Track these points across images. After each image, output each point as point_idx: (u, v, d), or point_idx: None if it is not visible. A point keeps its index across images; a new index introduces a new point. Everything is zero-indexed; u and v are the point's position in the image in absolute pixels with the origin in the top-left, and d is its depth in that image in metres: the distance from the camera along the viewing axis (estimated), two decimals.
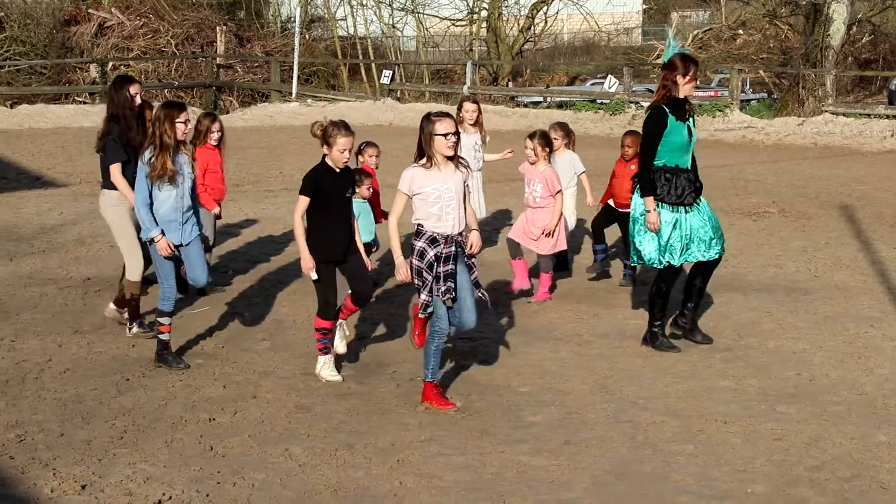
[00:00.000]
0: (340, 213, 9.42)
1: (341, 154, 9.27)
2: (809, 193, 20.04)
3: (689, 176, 10.35)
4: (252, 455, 7.94)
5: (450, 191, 8.71)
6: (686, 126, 10.26)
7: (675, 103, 10.26)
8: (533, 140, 12.38)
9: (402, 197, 8.79)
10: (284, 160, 23.69)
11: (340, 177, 9.39)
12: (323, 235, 9.34)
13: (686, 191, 10.29)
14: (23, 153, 25.09)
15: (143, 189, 9.70)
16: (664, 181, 10.28)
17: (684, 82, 10.24)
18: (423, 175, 8.72)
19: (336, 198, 9.37)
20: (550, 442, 8.22)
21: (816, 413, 8.82)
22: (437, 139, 8.66)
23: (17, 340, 10.74)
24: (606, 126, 30.67)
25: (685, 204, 10.30)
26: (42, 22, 37.05)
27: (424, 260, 8.69)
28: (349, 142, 9.30)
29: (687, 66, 10.28)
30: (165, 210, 9.78)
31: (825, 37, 31.49)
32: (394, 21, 45.33)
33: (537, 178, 12.28)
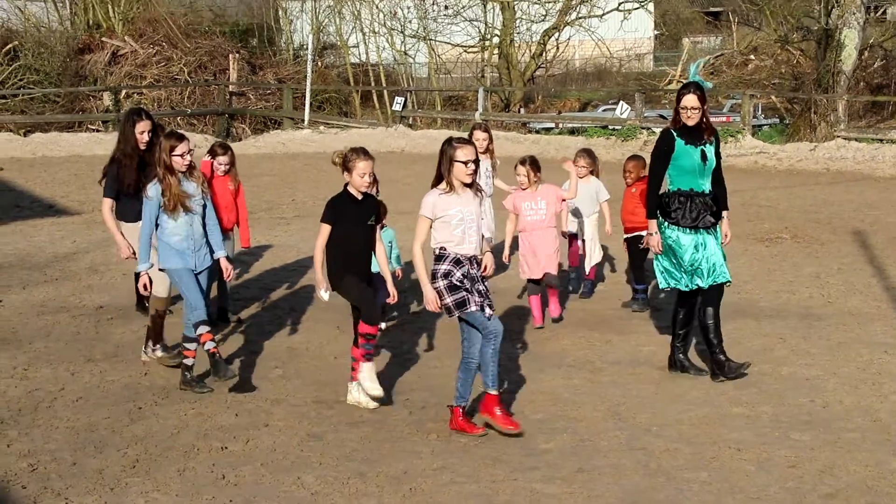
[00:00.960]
0: (361, 240, 9.45)
1: (362, 178, 9.32)
2: (822, 219, 20.01)
3: (707, 200, 10.34)
4: (264, 484, 7.93)
5: (471, 213, 8.78)
6: (699, 150, 10.26)
7: (687, 128, 10.29)
8: (524, 166, 12.44)
9: (425, 222, 8.80)
10: (297, 187, 23.73)
11: (362, 204, 9.43)
12: (342, 263, 9.37)
13: (702, 214, 10.29)
14: (36, 181, 25.16)
15: (147, 222, 9.79)
16: (678, 205, 10.31)
17: (679, 109, 10.30)
18: (445, 199, 8.76)
19: (357, 225, 9.40)
20: (563, 469, 8.20)
21: (830, 440, 8.78)
22: (456, 165, 8.70)
23: (29, 369, 10.75)
24: (618, 152, 30.64)
25: (700, 227, 10.30)
26: (56, 50, 37.20)
27: (455, 278, 8.75)
28: (369, 165, 9.35)
29: (678, 95, 10.38)
30: (178, 239, 9.84)
31: (837, 62, 31.48)
32: (406, 48, 45.42)
33: (540, 196, 12.32)
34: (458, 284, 8.73)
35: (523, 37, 44.88)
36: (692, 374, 10.53)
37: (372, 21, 44.89)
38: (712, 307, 10.54)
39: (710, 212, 10.36)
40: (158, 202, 9.80)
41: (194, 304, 9.90)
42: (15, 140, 32.13)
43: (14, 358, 11.10)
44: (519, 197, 12.48)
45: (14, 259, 16.08)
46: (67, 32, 39.99)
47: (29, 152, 30.68)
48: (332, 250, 9.41)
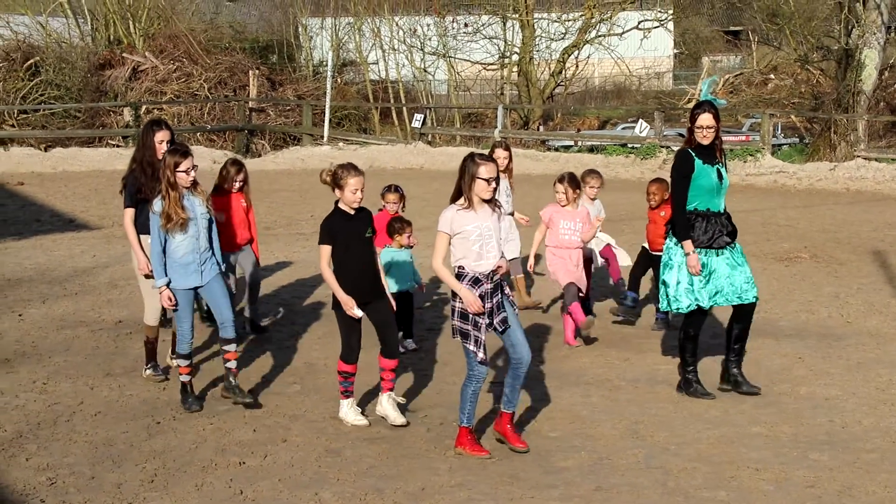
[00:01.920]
0: (360, 255, 9.43)
1: (353, 195, 9.32)
2: (841, 238, 19.96)
3: (722, 219, 10.35)
4: (282, 499, 7.93)
5: (489, 229, 8.74)
6: (715, 169, 10.27)
7: (702, 148, 10.29)
8: (563, 183, 12.42)
9: (444, 237, 8.77)
10: (315, 203, 23.75)
11: (356, 219, 9.42)
12: (345, 279, 9.34)
13: (717, 234, 10.28)
14: (56, 196, 25.27)
15: (157, 238, 9.77)
16: (695, 224, 10.30)
17: (694, 128, 10.29)
18: (462, 215, 8.72)
19: (354, 240, 9.39)
20: (581, 488, 8.18)
21: (849, 461, 8.75)
22: (478, 182, 8.67)
23: (49, 383, 10.78)
24: (637, 170, 30.65)
25: (715, 247, 10.30)
26: (76, 66, 37.33)
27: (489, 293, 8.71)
28: (360, 181, 9.33)
29: (692, 114, 10.36)
30: (182, 254, 9.82)
31: (857, 82, 31.44)
32: (425, 65, 45.50)
33: (578, 217, 12.31)
34: (467, 312, 8.68)
35: (543, 55, 44.91)
36: (745, 389, 10.51)
37: (391, 38, 45.00)
38: (742, 324, 10.53)
39: (726, 232, 10.35)
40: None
41: (222, 319, 9.97)
42: (35, 155, 32.26)
43: (34, 372, 11.14)
44: (556, 213, 12.44)
45: (34, 273, 16.14)
46: (88, 48, 40.13)
47: (49, 167, 30.82)
48: (337, 269, 9.39)
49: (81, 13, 41.76)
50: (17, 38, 38.06)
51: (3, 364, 11.42)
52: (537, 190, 24.93)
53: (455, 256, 8.79)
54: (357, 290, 9.37)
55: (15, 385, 10.69)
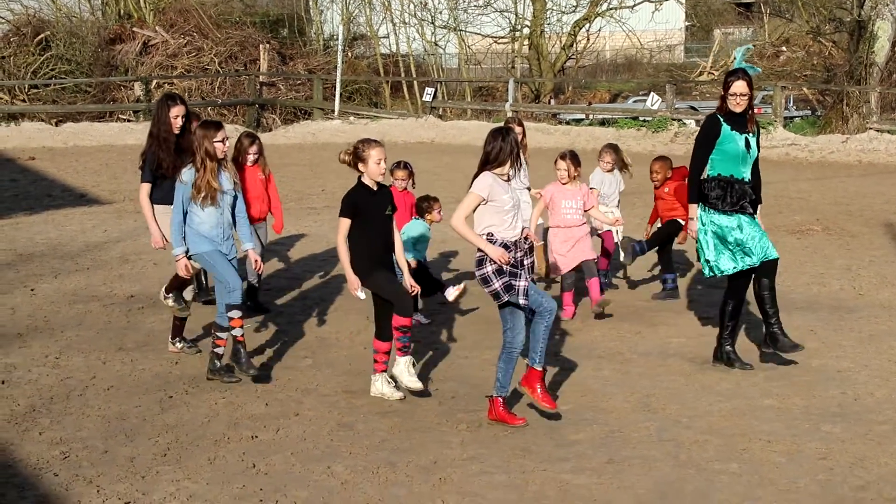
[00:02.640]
0: (381, 231, 9.43)
1: (378, 165, 9.32)
2: (853, 211, 19.91)
3: (745, 187, 10.28)
4: (294, 473, 7.95)
5: (520, 201, 8.79)
6: (744, 137, 10.22)
7: (733, 115, 10.23)
8: (565, 160, 12.37)
9: (476, 200, 8.70)
10: (327, 178, 23.75)
11: (378, 195, 9.42)
12: (360, 255, 9.35)
13: (742, 199, 10.24)
14: (68, 171, 25.29)
15: (180, 208, 9.79)
16: (719, 190, 10.25)
17: (727, 95, 10.21)
18: (500, 184, 8.72)
19: (375, 216, 9.39)
20: (593, 460, 8.19)
21: (861, 432, 8.75)
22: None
23: (61, 357, 10.81)
24: (649, 143, 30.58)
25: (743, 212, 10.27)
26: (87, 40, 37.31)
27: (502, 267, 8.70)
28: (382, 151, 9.35)
29: (726, 81, 10.26)
30: (208, 227, 9.85)
31: (869, 54, 31.30)
32: (436, 39, 45.38)
33: (578, 196, 12.28)
34: (504, 270, 8.71)
35: (554, 28, 44.77)
36: (737, 367, 10.48)
37: (402, 11, 44.87)
38: (767, 279, 10.44)
39: (749, 200, 10.31)
40: (191, 187, 9.81)
41: (231, 285, 9.88)
42: (46, 130, 32.31)
43: (46, 346, 11.17)
44: (558, 192, 12.40)
45: (45, 248, 16.16)
46: (99, 22, 40.12)
47: (60, 142, 30.86)
48: (354, 244, 9.39)
49: None
50: (27, 13, 38.03)
51: (15, 339, 11.45)
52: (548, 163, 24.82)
53: (483, 224, 8.75)
54: (377, 263, 9.41)
55: (28, 360, 10.72)
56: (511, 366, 8.94)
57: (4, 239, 16.86)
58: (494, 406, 9.01)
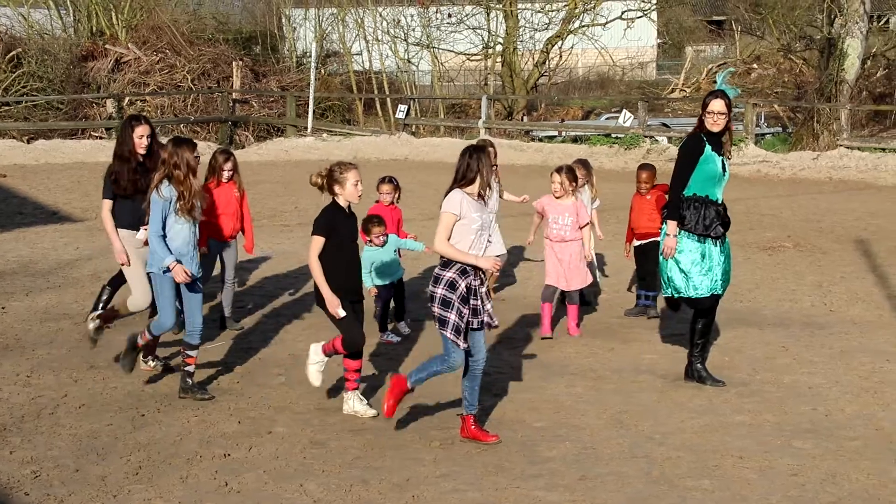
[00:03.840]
0: (350, 255, 9.44)
1: (356, 188, 9.29)
2: (825, 227, 20.01)
3: (720, 209, 10.33)
4: (267, 491, 7.93)
5: (488, 221, 8.77)
6: (721, 160, 10.27)
7: (712, 135, 10.28)
8: (561, 174, 12.40)
9: (451, 218, 8.64)
10: (300, 195, 23.71)
11: (351, 219, 9.44)
12: (335, 277, 9.28)
13: (714, 222, 10.27)
14: (39, 188, 25.19)
15: (157, 221, 9.75)
16: (693, 210, 10.27)
17: (705, 113, 10.26)
18: (470, 202, 8.68)
19: (347, 240, 9.39)
20: (566, 477, 8.20)
21: (833, 449, 8.79)
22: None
23: (32, 375, 10.76)
24: (621, 160, 30.67)
25: (711, 236, 10.29)
26: (59, 58, 37.24)
27: (456, 292, 8.64)
28: (358, 173, 9.34)
29: (705, 100, 10.33)
30: (179, 243, 9.82)
31: (840, 71, 31.49)
32: (409, 56, 45.45)
33: (568, 213, 12.29)
34: (450, 300, 8.64)
35: (526, 45, 44.89)
36: (709, 384, 10.51)
37: (375, 29, 44.93)
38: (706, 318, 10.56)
39: (721, 222, 10.34)
40: (171, 202, 9.76)
41: (163, 321, 9.93)
42: (18, 147, 32.16)
43: (17, 364, 11.11)
44: (550, 205, 12.43)
45: (17, 266, 16.09)
46: (71, 39, 40.03)
47: (32, 159, 30.72)
48: (325, 266, 9.28)
49: (63, 4, 41.62)
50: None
51: None
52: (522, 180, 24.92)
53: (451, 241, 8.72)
54: (345, 290, 9.35)
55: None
56: (475, 383, 8.94)
57: None
58: (466, 424, 9.01)
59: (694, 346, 10.65)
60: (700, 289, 10.32)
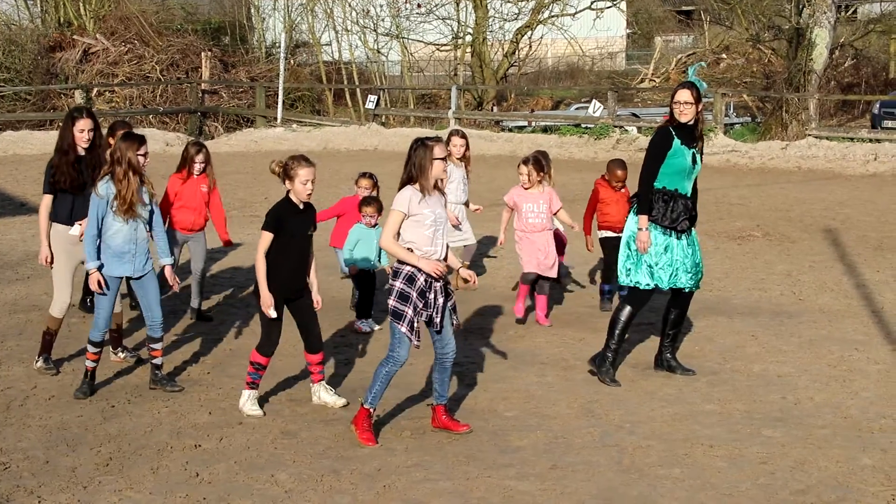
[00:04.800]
0: (299, 250, 9.31)
1: (304, 186, 9.13)
2: (793, 217, 20.10)
3: (688, 203, 10.34)
4: (238, 481, 7.92)
5: (441, 216, 8.69)
6: (691, 153, 10.25)
7: (682, 128, 10.25)
8: (527, 165, 12.45)
9: (399, 216, 8.60)
10: (270, 186, 23.65)
11: (303, 213, 9.29)
12: (278, 272, 9.19)
13: (681, 216, 10.28)
14: (7, 179, 25.06)
15: (95, 222, 9.59)
16: (661, 203, 10.26)
17: (672, 104, 10.26)
18: (420, 198, 8.62)
19: (297, 235, 9.27)
20: (537, 466, 8.22)
21: (802, 436, 8.84)
22: (436, 164, 8.59)
23: (1, 367, 10.72)
24: (591, 150, 30.74)
25: (678, 230, 10.31)
26: (26, 48, 37.03)
27: (415, 285, 8.59)
28: (311, 172, 9.16)
29: (674, 91, 10.36)
30: (119, 242, 9.65)
31: (808, 61, 31.62)
32: (378, 46, 45.40)
33: (541, 200, 12.34)
34: (408, 295, 8.62)
35: (496, 35, 44.92)
36: (679, 373, 10.55)
37: (345, 19, 44.86)
38: (681, 305, 10.60)
39: (689, 216, 10.36)
40: (108, 201, 9.61)
41: (99, 325, 9.82)
42: None
43: None
44: (520, 195, 12.47)
45: None
46: (38, 30, 39.82)
47: (0, 150, 30.54)
48: (270, 261, 9.19)
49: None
50: None
51: None
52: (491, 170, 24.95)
53: (404, 240, 8.64)
54: (286, 286, 9.27)
55: None
56: (446, 374, 8.95)
57: None
58: (437, 414, 9.02)
59: (665, 335, 10.68)
60: (662, 281, 10.34)
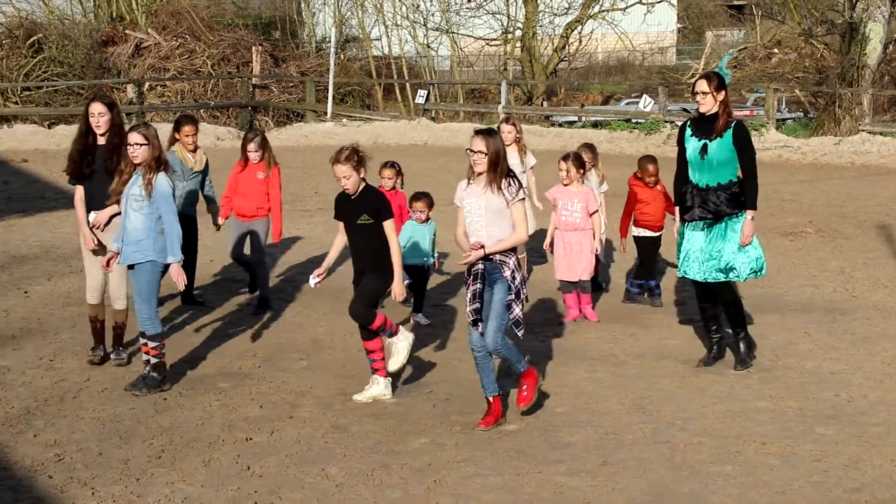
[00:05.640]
0: (354, 237, 9.54)
1: (338, 181, 9.42)
2: (846, 213, 19.94)
3: (704, 194, 10.29)
4: (289, 475, 7.95)
5: (479, 207, 8.74)
6: (702, 143, 10.24)
7: (701, 119, 10.32)
8: (567, 161, 12.40)
9: (458, 209, 8.96)
10: (320, 180, 23.71)
11: (355, 202, 9.45)
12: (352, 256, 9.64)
13: (692, 207, 10.33)
14: (60, 173, 25.04)
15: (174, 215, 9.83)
16: (680, 194, 10.54)
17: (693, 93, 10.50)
18: (465, 189, 8.88)
19: (347, 222, 9.53)
20: (587, 463, 8.20)
21: (855, 434, 8.76)
22: (470, 154, 8.73)
23: (55, 360, 10.80)
24: (641, 145, 30.56)
25: (686, 219, 10.47)
26: (80, 43, 37.21)
27: (470, 274, 8.87)
28: (337, 170, 9.37)
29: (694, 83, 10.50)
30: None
31: (862, 56, 31.32)
32: (428, 41, 45.37)
33: (577, 199, 12.28)
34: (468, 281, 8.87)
35: (546, 30, 44.75)
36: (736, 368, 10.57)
37: (394, 14, 44.86)
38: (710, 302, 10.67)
39: (706, 207, 10.29)
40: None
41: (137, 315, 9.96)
42: (39, 132, 32.23)
43: (40, 349, 11.16)
44: (559, 192, 12.46)
45: (39, 250, 16.15)
46: (91, 25, 40.03)
47: (53, 144, 30.76)
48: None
49: None
50: (19, 15, 37.95)
51: (9, 341, 11.44)
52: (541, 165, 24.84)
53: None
54: (354, 271, 9.69)
55: (22, 362, 10.71)
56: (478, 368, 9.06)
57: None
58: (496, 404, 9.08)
59: (707, 329, 10.72)
60: (687, 271, 10.55)
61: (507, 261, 8.75)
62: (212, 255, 15.33)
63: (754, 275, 10.44)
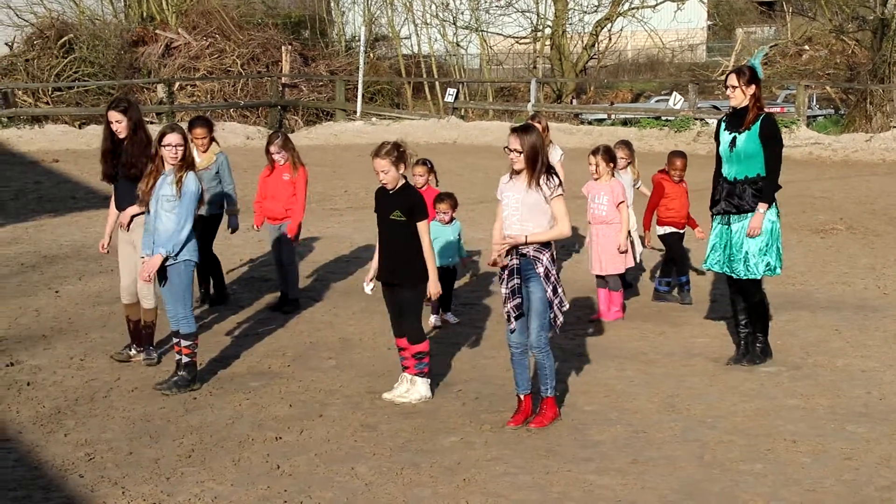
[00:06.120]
0: (384, 233, 9.52)
1: (377, 175, 9.43)
2: (878, 210, 19.83)
3: (731, 187, 10.31)
4: (318, 474, 7.96)
5: (517, 202, 8.75)
6: (732, 136, 10.29)
7: (734, 113, 10.41)
8: (596, 156, 12.40)
9: (498, 202, 9.02)
10: (349, 179, 23.77)
11: (391, 198, 9.46)
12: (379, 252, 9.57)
13: (719, 200, 10.45)
14: (91, 173, 25.28)
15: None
16: (713, 188, 10.60)
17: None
18: (506, 183, 8.93)
19: (381, 217, 9.54)
20: (617, 461, 8.17)
21: (887, 432, 8.71)
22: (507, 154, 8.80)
23: (86, 359, 10.85)
24: (671, 143, 30.48)
25: (712, 212, 10.57)
26: (110, 43, 37.40)
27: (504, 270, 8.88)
28: (377, 163, 9.36)
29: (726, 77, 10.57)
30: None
31: (893, 52, 31.17)
32: (458, 39, 45.39)
33: (603, 192, 12.27)
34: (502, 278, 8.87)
35: (575, 28, 44.74)
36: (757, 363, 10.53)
37: (424, 12, 44.91)
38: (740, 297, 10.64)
39: (731, 201, 10.31)
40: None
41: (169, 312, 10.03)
42: (70, 132, 32.39)
43: (71, 348, 11.21)
44: (590, 187, 12.50)
45: (70, 250, 16.22)
46: (121, 25, 40.23)
47: (84, 144, 30.91)
48: None
49: None
50: (50, 16, 38.18)
51: (40, 340, 11.50)
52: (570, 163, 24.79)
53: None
54: (381, 267, 9.58)
55: (53, 361, 10.76)
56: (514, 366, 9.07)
57: (29, 241, 16.93)
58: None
59: (738, 325, 10.77)
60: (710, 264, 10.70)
61: (540, 257, 8.74)
62: (241, 255, 15.38)
63: (770, 272, 10.41)
